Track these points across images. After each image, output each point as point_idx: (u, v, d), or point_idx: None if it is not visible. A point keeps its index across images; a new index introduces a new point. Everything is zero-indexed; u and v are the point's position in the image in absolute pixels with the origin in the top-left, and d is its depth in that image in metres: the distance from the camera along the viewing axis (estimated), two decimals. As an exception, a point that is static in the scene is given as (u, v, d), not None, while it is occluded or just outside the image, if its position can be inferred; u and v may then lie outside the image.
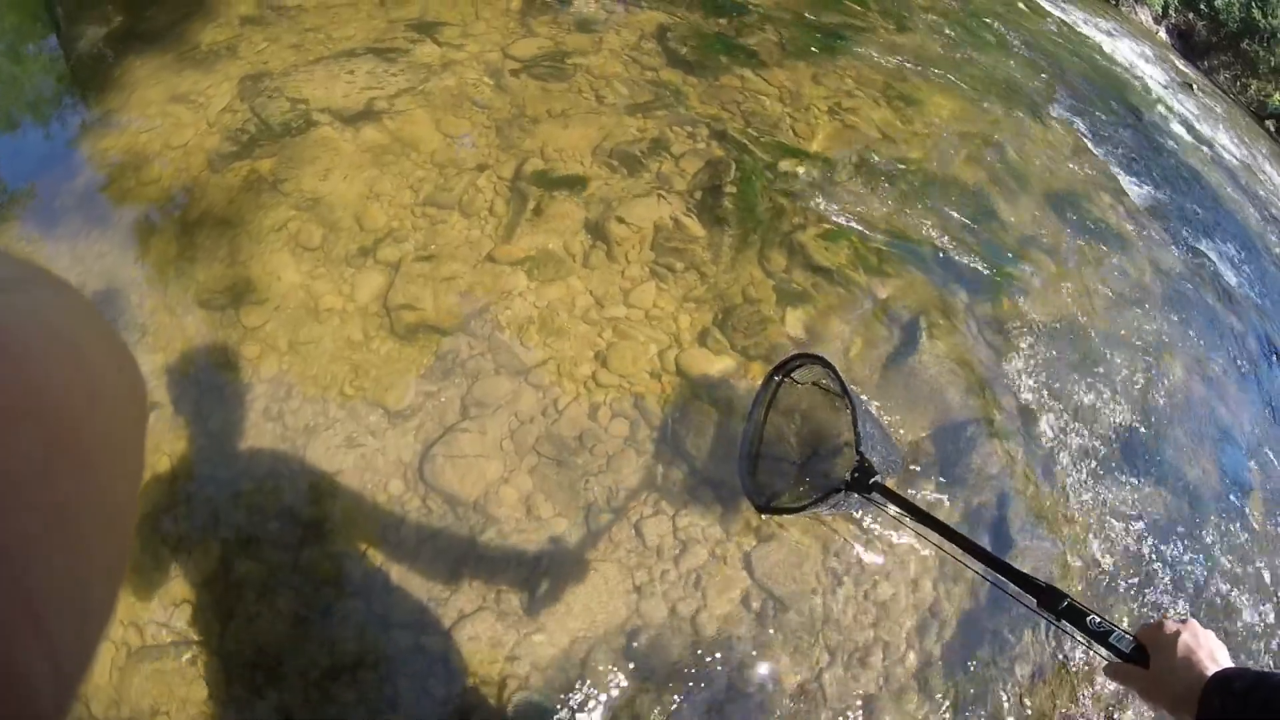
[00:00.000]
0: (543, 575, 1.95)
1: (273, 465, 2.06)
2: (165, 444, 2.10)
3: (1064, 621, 1.16)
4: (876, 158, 3.56)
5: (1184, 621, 1.02)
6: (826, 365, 1.98)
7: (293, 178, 2.63)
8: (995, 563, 1.33)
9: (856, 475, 1.72)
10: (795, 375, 2.09)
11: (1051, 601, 1.18)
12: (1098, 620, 1.12)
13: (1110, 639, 1.09)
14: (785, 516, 2.04)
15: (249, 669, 1.85)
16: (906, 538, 2.27)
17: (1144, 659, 1.04)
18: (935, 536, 1.50)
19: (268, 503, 2.01)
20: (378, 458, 2.10)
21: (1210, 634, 1.02)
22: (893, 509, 1.65)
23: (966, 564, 1.39)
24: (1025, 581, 1.26)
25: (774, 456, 2.11)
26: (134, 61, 2.97)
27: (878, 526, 2.26)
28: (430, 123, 2.92)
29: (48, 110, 3.20)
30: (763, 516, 2.06)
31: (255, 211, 2.53)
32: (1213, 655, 0.98)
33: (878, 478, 1.70)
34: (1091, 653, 2.31)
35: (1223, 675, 0.93)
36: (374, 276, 2.44)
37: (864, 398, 2.24)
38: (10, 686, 0.24)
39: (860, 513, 1.90)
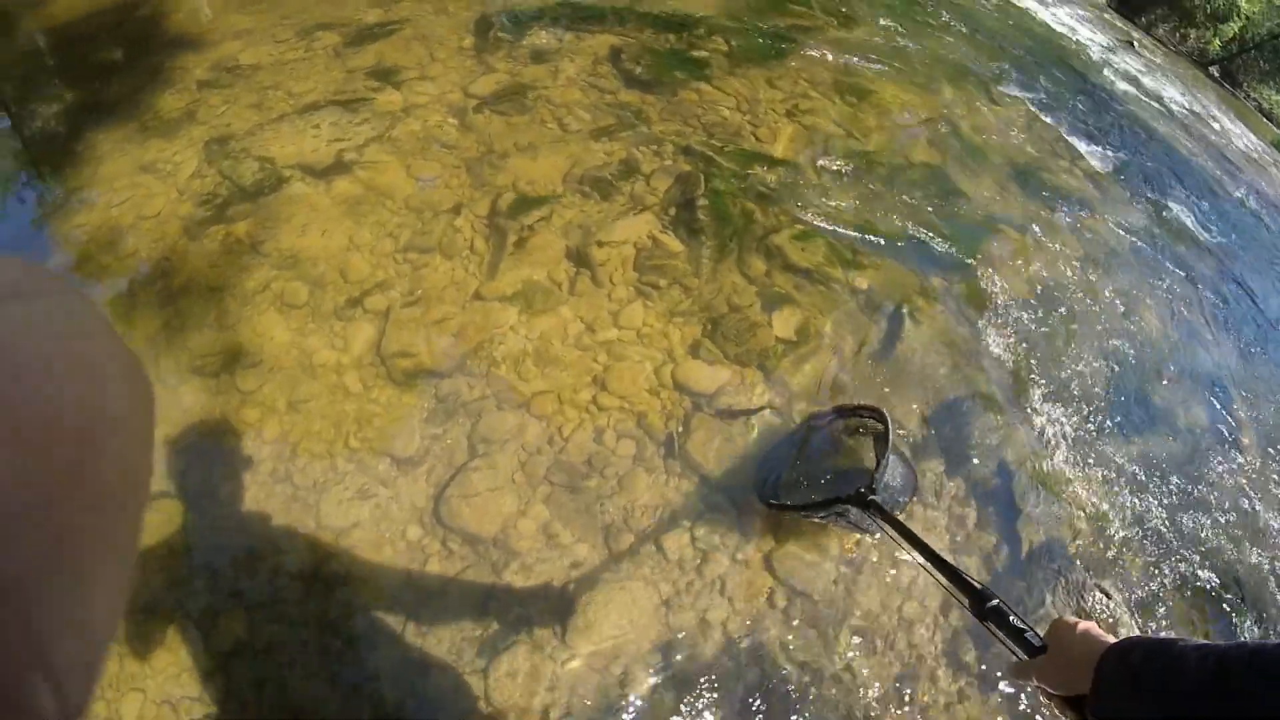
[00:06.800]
0: (571, 601, 1.96)
1: (287, 526, 2.06)
2: (176, 516, 2.08)
3: (989, 623, 1.25)
4: (838, 154, 3.63)
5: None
6: (881, 417, 2.20)
7: (271, 237, 2.64)
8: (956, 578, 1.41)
9: (861, 492, 1.89)
10: (851, 419, 2.34)
11: (980, 605, 1.28)
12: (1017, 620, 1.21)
13: (1025, 635, 1.16)
14: (789, 514, 2.14)
15: (289, 735, 1.83)
16: (916, 528, 2.32)
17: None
18: (920, 558, 1.63)
19: (287, 564, 2.00)
20: (392, 506, 2.11)
21: None
22: (887, 528, 1.81)
23: (953, 595, 1.46)
24: (965, 585, 1.36)
25: (802, 471, 2.27)
26: (94, 135, 2.95)
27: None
28: (401, 169, 2.94)
29: (8, 193, 3.15)
30: (769, 509, 2.16)
31: (238, 274, 2.53)
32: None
33: (876, 498, 1.88)
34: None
35: (1120, 645, 0.93)
36: (364, 327, 2.45)
37: (909, 456, 2.43)
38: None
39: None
